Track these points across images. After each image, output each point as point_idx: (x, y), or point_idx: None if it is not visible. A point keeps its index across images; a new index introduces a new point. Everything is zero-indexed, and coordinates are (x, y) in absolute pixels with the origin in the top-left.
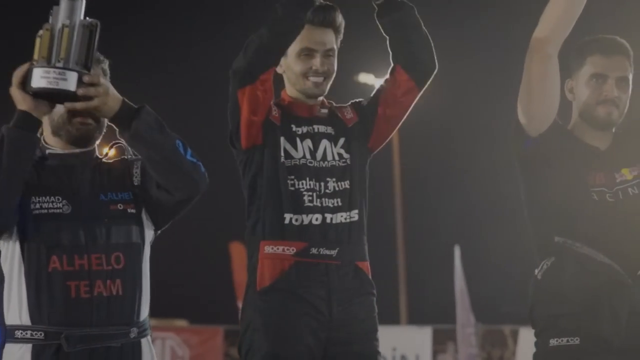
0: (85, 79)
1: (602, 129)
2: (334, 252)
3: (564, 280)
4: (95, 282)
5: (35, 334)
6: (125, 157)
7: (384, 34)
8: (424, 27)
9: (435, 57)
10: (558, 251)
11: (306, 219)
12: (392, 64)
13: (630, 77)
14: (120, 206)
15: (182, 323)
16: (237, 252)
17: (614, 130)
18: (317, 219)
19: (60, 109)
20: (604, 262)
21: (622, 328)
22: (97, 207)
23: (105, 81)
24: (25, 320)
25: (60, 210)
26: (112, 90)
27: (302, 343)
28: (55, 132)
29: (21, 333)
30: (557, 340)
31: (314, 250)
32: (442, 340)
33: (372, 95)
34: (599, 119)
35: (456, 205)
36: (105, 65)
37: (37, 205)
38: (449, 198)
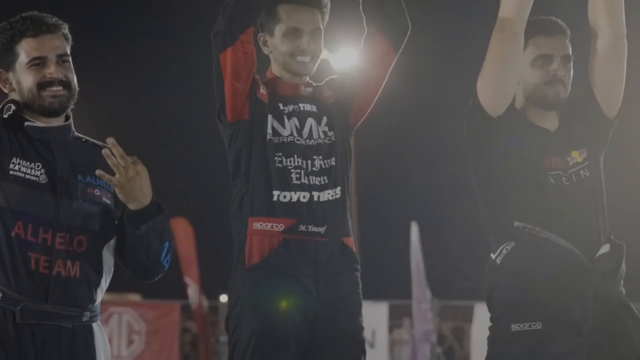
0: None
1: (551, 109)
2: (321, 229)
3: (526, 265)
4: (56, 260)
5: None
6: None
7: None
8: None
9: (408, 18)
10: (517, 235)
11: (294, 196)
12: (365, 30)
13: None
14: (97, 191)
15: (135, 297)
16: (181, 227)
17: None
18: (304, 197)
19: (28, 83)
20: (564, 247)
21: (590, 312)
22: (73, 185)
23: (143, 170)
24: None
25: (37, 179)
26: (147, 183)
27: (289, 320)
28: (28, 106)
29: None
30: (518, 326)
31: (302, 227)
32: (398, 315)
33: (346, 71)
34: (548, 99)
35: (413, 182)
36: (65, 29)
37: (17, 167)
38: (406, 174)
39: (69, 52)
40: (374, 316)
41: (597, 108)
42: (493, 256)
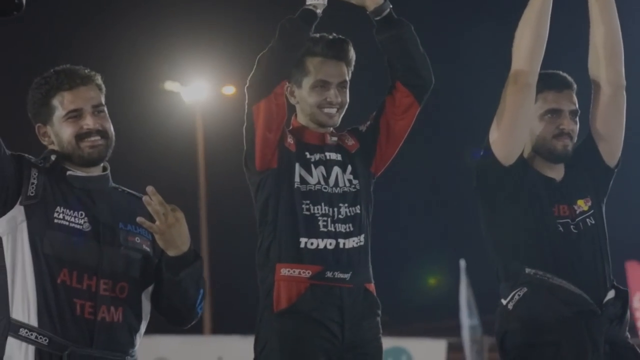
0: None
1: (559, 162)
2: (347, 276)
3: (538, 310)
4: (100, 306)
5: (40, 338)
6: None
7: (383, 51)
8: (420, 44)
9: (432, 73)
10: (530, 282)
11: (321, 243)
12: (390, 82)
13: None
14: (137, 239)
15: None
16: None
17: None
18: (331, 244)
19: (66, 135)
20: (575, 292)
21: (602, 356)
22: (116, 233)
23: (182, 217)
24: (33, 321)
25: (81, 227)
26: (186, 230)
27: None
28: (67, 157)
29: (26, 332)
30: None
31: (329, 274)
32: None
33: (370, 120)
34: (556, 151)
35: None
36: (99, 79)
37: (61, 216)
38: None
39: (103, 101)
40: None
41: (598, 157)
42: (504, 301)
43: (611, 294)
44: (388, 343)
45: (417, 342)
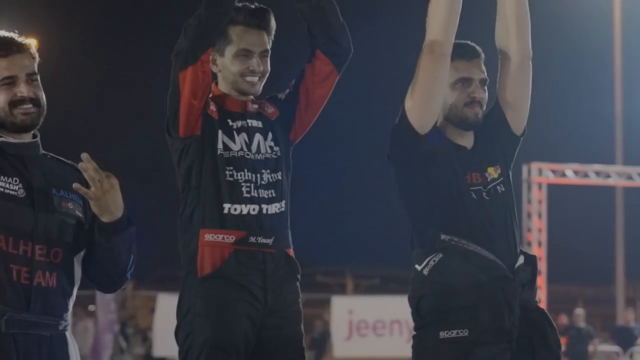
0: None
1: (470, 129)
2: (270, 241)
3: (453, 275)
4: (36, 272)
5: None
6: (77, 167)
7: (303, 19)
8: (340, 14)
9: (351, 42)
10: (445, 248)
11: (244, 209)
12: (310, 50)
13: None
14: (70, 205)
15: None
16: None
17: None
18: (254, 209)
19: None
20: (489, 258)
21: (517, 319)
22: (50, 199)
23: (116, 183)
24: None
25: (16, 193)
26: (119, 196)
27: (240, 328)
28: (0, 125)
29: None
30: (446, 333)
31: (252, 239)
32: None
33: (289, 88)
34: (468, 119)
35: None
36: (33, 48)
37: None
38: None
39: (36, 70)
40: None
41: (506, 126)
42: (419, 267)
43: (521, 259)
44: None
45: None
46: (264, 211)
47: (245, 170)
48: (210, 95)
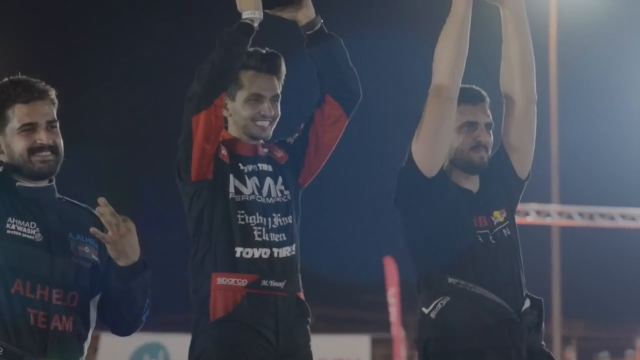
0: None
1: (475, 173)
2: (281, 284)
3: (462, 318)
4: (53, 316)
5: None
6: (92, 210)
7: (313, 64)
8: (349, 58)
9: (360, 86)
10: (452, 291)
11: (256, 252)
12: (319, 95)
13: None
14: (86, 249)
15: None
16: None
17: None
18: (265, 253)
19: (19, 148)
20: (496, 301)
21: (503, 358)
22: (67, 243)
23: (133, 227)
24: None
25: (33, 237)
26: (136, 240)
27: None
28: (17, 169)
29: None
30: None
31: (264, 283)
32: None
33: (298, 132)
34: (474, 163)
35: None
36: (53, 94)
37: (13, 227)
38: None
39: (56, 117)
40: None
41: (511, 169)
42: (426, 310)
43: (527, 302)
44: None
45: None
46: (275, 254)
47: (257, 214)
48: (220, 140)
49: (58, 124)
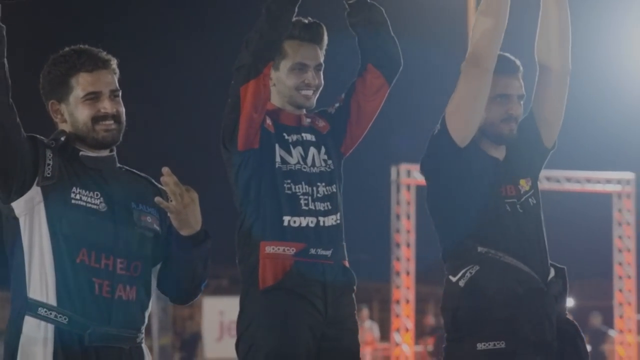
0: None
1: (503, 144)
2: (328, 253)
3: (491, 287)
4: (117, 285)
5: (60, 317)
6: (152, 180)
7: (354, 33)
8: (390, 28)
9: (401, 55)
10: (482, 260)
11: (303, 221)
12: (360, 64)
13: None
14: (149, 219)
15: None
16: None
17: None
18: (312, 222)
19: (83, 116)
20: (524, 270)
21: (543, 330)
22: (130, 213)
23: (196, 197)
24: (52, 300)
25: (97, 207)
26: (198, 210)
27: (302, 340)
28: (80, 138)
29: (45, 311)
30: (484, 345)
31: (312, 251)
32: None
33: (339, 102)
34: (503, 135)
35: None
36: (115, 64)
37: (77, 196)
38: None
39: (118, 86)
40: None
41: (538, 138)
42: (453, 279)
43: (552, 272)
44: None
45: None
46: (322, 223)
47: (303, 183)
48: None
49: (120, 93)
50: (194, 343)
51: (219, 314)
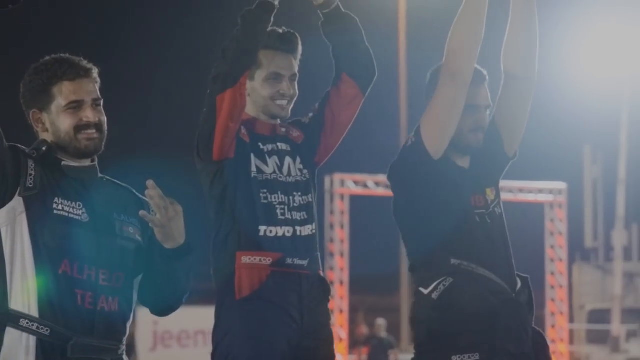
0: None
1: (469, 154)
2: (305, 262)
3: (465, 299)
4: (99, 296)
5: (42, 329)
6: (133, 191)
7: (328, 42)
8: (365, 38)
9: (375, 65)
10: (455, 272)
11: (280, 230)
12: (335, 74)
13: None
14: (131, 229)
15: None
16: None
17: None
18: (288, 232)
19: (65, 126)
20: (497, 282)
21: (521, 340)
22: (112, 224)
23: (180, 210)
24: (34, 311)
25: (80, 218)
26: (182, 223)
27: (279, 350)
28: (62, 148)
29: (27, 323)
30: (459, 357)
31: (289, 261)
32: None
33: (312, 112)
34: (471, 145)
35: None
36: (96, 72)
37: (60, 207)
38: None
39: (100, 95)
40: None
41: (500, 146)
42: (425, 291)
43: (519, 282)
44: None
45: None
46: (298, 233)
47: (279, 192)
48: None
49: (102, 102)
50: (128, 353)
51: (152, 324)
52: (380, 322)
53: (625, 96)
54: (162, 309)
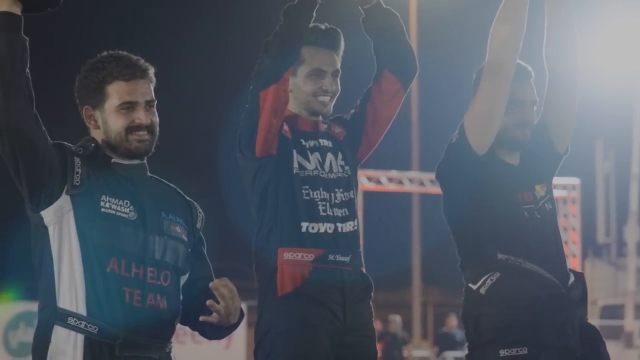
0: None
1: (517, 150)
2: (347, 259)
3: (513, 294)
4: (147, 294)
5: (90, 327)
6: (179, 191)
7: (370, 38)
8: (406, 34)
9: (417, 61)
10: (502, 267)
11: (322, 227)
12: (376, 70)
13: None
14: (178, 229)
15: None
16: None
17: None
18: (330, 228)
19: (117, 126)
20: (545, 276)
21: (566, 335)
22: (160, 222)
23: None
24: (82, 310)
25: (127, 216)
26: (239, 303)
27: (321, 347)
28: (112, 147)
29: (75, 321)
30: (507, 351)
31: (330, 257)
32: None
33: (354, 109)
34: (518, 141)
35: None
36: (152, 73)
37: (107, 205)
38: None
39: (154, 96)
40: None
41: (550, 144)
42: (474, 286)
43: (572, 277)
44: None
45: None
46: (339, 229)
47: (321, 189)
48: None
49: (155, 103)
50: None
51: None
52: (396, 318)
53: (638, 91)
54: (186, 323)
